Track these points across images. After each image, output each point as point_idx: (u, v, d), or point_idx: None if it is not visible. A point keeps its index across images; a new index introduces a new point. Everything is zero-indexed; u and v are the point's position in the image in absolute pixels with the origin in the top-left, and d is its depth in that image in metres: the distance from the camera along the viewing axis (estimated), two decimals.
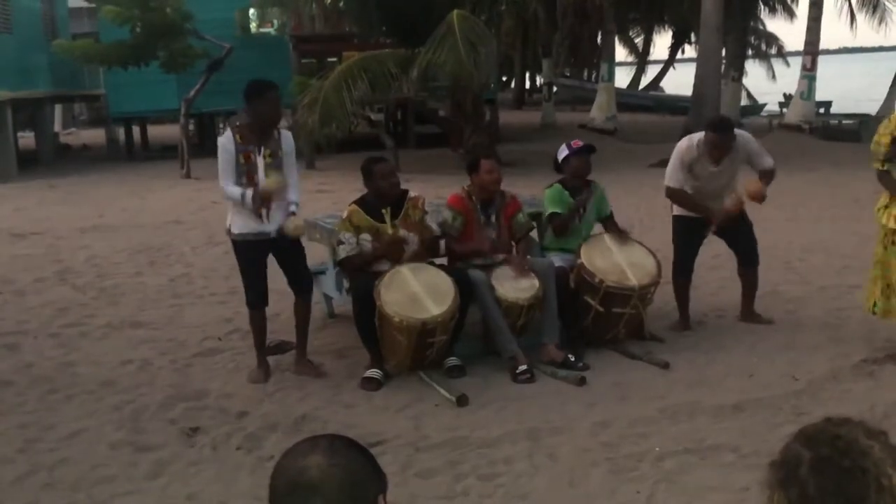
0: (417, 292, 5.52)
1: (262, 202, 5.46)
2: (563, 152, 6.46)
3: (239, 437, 4.78)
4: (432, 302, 5.47)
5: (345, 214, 5.83)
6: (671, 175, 6.37)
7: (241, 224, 5.61)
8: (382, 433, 4.76)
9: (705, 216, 6.36)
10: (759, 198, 6.32)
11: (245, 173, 5.51)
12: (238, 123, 5.69)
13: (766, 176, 6.41)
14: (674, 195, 6.44)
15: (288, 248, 5.71)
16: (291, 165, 5.71)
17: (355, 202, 5.89)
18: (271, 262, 5.77)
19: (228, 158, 5.52)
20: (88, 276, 8.76)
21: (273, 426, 4.91)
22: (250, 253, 5.66)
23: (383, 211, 5.78)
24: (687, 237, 6.52)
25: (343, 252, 5.76)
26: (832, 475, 1.48)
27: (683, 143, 6.37)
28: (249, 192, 5.45)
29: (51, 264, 9.26)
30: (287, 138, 5.71)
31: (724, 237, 6.60)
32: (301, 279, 5.85)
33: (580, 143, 6.51)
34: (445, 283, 5.59)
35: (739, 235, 6.53)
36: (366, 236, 5.74)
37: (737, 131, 6.33)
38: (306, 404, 5.27)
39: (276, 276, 5.86)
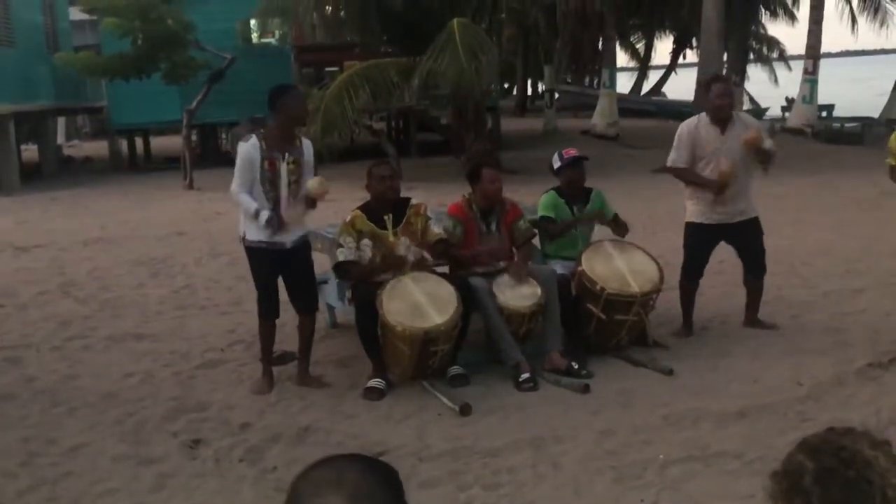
0: (420, 301, 5.50)
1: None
2: (556, 162, 6.48)
3: (241, 450, 4.76)
4: (435, 311, 5.46)
5: (347, 219, 5.83)
6: (672, 154, 6.41)
7: (256, 231, 5.57)
8: (385, 443, 4.74)
9: (708, 187, 6.26)
10: (757, 141, 6.22)
11: (269, 180, 5.49)
12: (262, 131, 5.68)
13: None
14: (672, 171, 6.47)
15: (298, 262, 5.71)
16: (309, 173, 5.73)
17: (359, 207, 5.90)
18: None
19: (249, 166, 5.49)
20: (91, 288, 8.75)
21: (276, 437, 4.89)
22: (264, 261, 5.65)
23: (385, 217, 5.78)
24: (699, 243, 6.49)
25: (341, 256, 5.74)
26: (837, 486, 1.46)
27: (684, 122, 6.48)
28: (266, 213, 5.43)
29: (53, 277, 9.26)
30: (308, 147, 5.74)
31: (734, 244, 6.56)
32: (307, 297, 5.84)
33: (572, 153, 6.50)
34: (448, 292, 5.57)
35: (748, 243, 6.50)
36: (366, 241, 5.73)
37: (737, 111, 6.44)
38: (309, 415, 5.25)
39: (281, 287, 5.84)
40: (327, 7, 17.33)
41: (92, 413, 5.39)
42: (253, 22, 20.74)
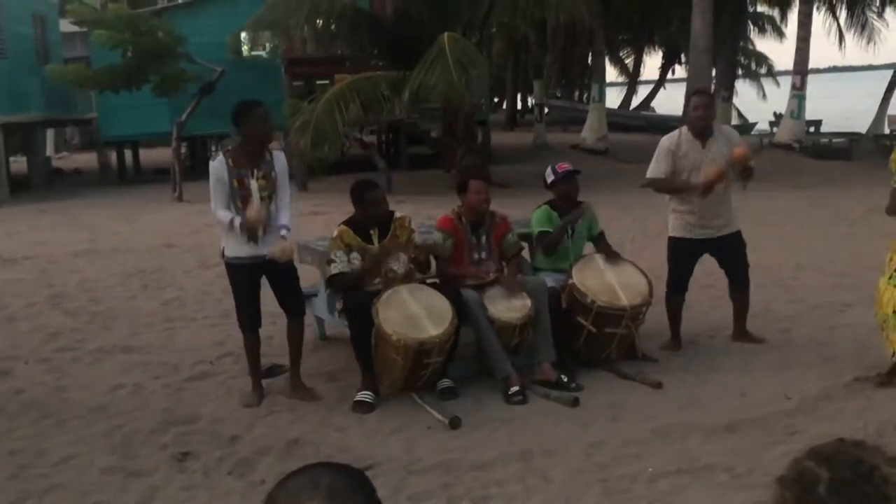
0: (416, 313, 5.52)
1: (249, 232, 5.46)
2: (549, 176, 6.51)
3: (230, 462, 4.75)
4: (431, 323, 5.47)
5: (335, 234, 5.84)
6: (652, 167, 6.47)
7: (235, 247, 5.58)
8: (375, 456, 4.74)
9: (692, 191, 6.28)
10: (745, 160, 6.25)
11: (240, 197, 5.49)
12: (230, 148, 5.67)
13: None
14: (653, 184, 6.52)
15: (281, 270, 5.71)
16: (284, 186, 5.70)
17: (344, 223, 5.90)
18: (264, 284, 5.76)
19: (220, 184, 5.50)
20: (80, 300, 8.72)
21: (265, 450, 4.88)
22: (244, 275, 5.65)
23: (371, 232, 5.79)
24: (682, 257, 6.52)
25: (335, 269, 5.74)
26: (854, 499, 1.46)
27: (665, 136, 6.53)
28: (238, 220, 5.45)
29: (42, 289, 9.23)
30: (280, 159, 5.70)
31: (717, 258, 6.60)
32: (294, 301, 5.85)
33: (565, 167, 6.54)
34: (443, 305, 5.59)
35: (732, 257, 6.53)
36: (355, 255, 5.74)
37: (719, 124, 6.49)
38: (298, 428, 5.24)
39: (268, 299, 5.85)
40: (318, 21, 17.36)
41: (81, 425, 5.37)
42: (244, 35, 20.79)
